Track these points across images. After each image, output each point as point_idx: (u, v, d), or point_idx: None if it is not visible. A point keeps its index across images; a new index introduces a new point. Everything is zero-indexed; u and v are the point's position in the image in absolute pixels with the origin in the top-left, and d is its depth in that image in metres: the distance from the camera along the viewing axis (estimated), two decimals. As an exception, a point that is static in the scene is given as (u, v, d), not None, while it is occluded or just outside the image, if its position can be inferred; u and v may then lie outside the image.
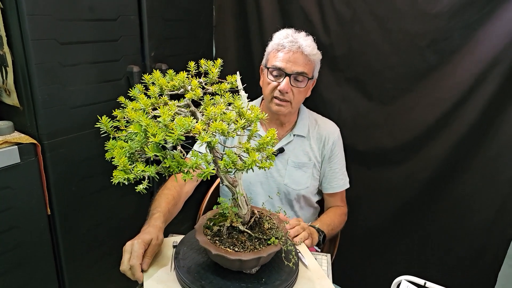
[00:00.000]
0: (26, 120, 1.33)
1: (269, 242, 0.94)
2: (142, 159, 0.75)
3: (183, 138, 0.72)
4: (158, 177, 0.74)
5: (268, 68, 1.41)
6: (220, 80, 0.92)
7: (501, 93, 1.50)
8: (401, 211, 1.86)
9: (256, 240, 0.95)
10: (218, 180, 1.69)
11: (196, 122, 0.73)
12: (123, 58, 1.52)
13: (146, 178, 0.72)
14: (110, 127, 0.80)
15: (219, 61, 0.91)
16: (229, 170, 0.78)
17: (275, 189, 1.50)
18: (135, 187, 0.72)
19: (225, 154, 0.78)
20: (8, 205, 1.30)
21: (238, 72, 0.93)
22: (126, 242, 1.02)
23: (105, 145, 0.76)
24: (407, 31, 1.61)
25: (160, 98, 0.84)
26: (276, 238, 0.95)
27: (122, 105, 0.86)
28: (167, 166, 0.72)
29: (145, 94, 0.85)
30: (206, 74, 0.93)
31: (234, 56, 2.13)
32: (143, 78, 0.89)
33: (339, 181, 1.56)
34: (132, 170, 0.70)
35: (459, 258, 1.76)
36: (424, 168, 1.74)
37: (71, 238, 1.51)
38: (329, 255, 1.21)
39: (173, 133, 0.70)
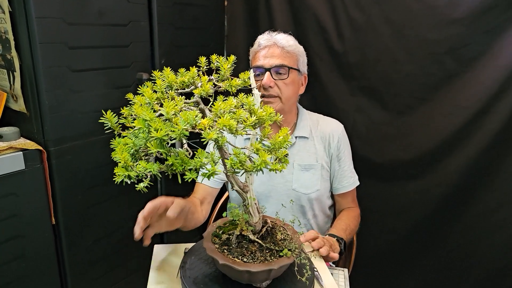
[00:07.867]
0: (32, 126, 1.31)
1: (281, 254, 0.87)
2: (146, 158, 0.71)
3: (187, 133, 0.67)
4: (160, 176, 0.70)
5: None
6: (231, 77, 0.88)
7: None
8: (417, 227, 1.78)
9: (267, 251, 0.88)
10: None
11: (203, 117, 0.69)
12: (133, 65, 1.49)
13: (148, 176, 0.67)
14: (116, 123, 0.76)
15: (232, 57, 0.87)
16: (236, 170, 0.73)
17: (285, 196, 1.44)
18: (136, 187, 0.67)
19: (233, 154, 0.73)
20: (13, 212, 1.27)
21: (251, 70, 0.89)
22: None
23: (111, 142, 0.72)
24: (425, 38, 1.55)
25: (167, 93, 0.79)
26: (289, 250, 0.88)
27: (130, 102, 0.82)
28: (170, 164, 0.67)
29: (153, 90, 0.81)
30: (217, 71, 0.88)
31: (245, 66, 2.09)
32: (153, 74, 0.85)
33: (349, 179, 1.49)
34: (134, 167, 0.66)
35: (479, 278, 1.66)
36: (443, 183, 1.66)
37: (76, 251, 1.46)
38: (346, 269, 1.13)
39: (177, 127, 0.65)
